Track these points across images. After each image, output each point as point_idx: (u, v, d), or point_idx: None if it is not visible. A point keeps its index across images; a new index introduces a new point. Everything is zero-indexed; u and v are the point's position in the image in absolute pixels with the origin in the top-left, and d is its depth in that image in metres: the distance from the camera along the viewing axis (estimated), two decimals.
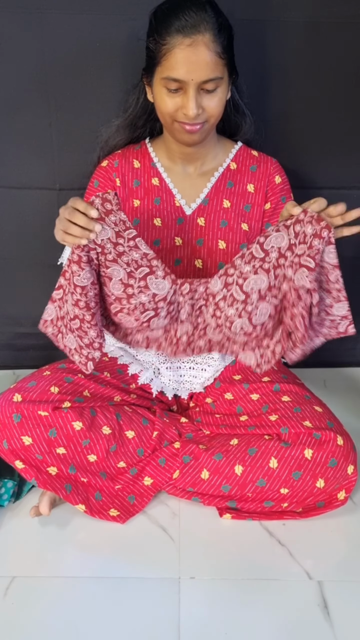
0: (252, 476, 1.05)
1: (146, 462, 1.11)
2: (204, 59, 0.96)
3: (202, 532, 1.07)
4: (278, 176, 1.17)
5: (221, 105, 1.03)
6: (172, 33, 0.96)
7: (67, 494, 1.04)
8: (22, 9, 1.18)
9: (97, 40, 1.21)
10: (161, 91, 1.02)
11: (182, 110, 1.00)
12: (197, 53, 0.96)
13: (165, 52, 0.98)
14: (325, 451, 1.03)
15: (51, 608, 0.93)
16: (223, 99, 1.03)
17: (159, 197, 1.14)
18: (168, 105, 1.01)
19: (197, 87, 0.98)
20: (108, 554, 1.03)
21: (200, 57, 0.96)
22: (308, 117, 1.31)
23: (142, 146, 1.18)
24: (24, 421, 1.01)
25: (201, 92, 1.00)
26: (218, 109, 1.03)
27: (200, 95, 1.00)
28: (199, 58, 0.96)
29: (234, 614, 0.92)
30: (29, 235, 1.41)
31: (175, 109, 1.01)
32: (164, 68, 0.99)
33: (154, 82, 1.03)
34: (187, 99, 0.99)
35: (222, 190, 1.15)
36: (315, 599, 0.95)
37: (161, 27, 0.98)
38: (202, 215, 1.14)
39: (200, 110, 1.00)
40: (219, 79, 0.99)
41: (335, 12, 1.21)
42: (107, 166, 1.17)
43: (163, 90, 1.01)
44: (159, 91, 1.02)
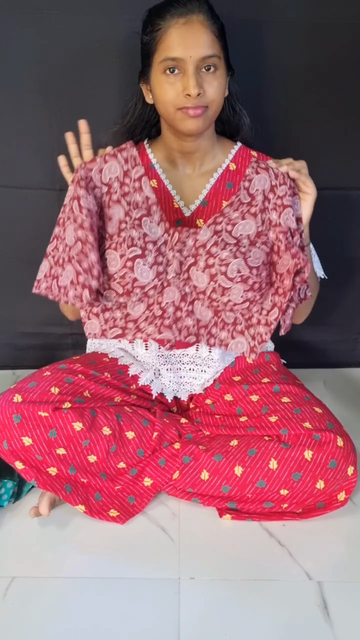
0: (252, 477, 1.05)
1: (146, 463, 1.11)
2: (200, 35, 0.98)
3: (201, 533, 1.07)
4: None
5: (221, 90, 1.03)
6: (166, 16, 0.99)
7: (67, 495, 1.04)
8: (22, 9, 1.18)
9: (97, 40, 1.21)
10: (160, 80, 1.01)
11: (184, 91, 1.00)
12: (192, 30, 0.98)
13: (161, 35, 0.99)
14: (325, 452, 1.03)
15: (51, 608, 0.93)
16: (222, 84, 1.03)
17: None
18: (169, 93, 1.01)
19: (196, 66, 0.98)
20: (108, 555, 1.03)
21: (197, 33, 0.98)
22: (307, 117, 1.31)
23: (140, 148, 1.18)
24: (24, 422, 1.01)
25: (200, 73, 1.00)
26: (218, 93, 1.02)
27: (199, 76, 1.00)
28: (195, 34, 0.98)
29: (233, 615, 0.92)
30: (29, 235, 1.41)
31: (177, 93, 1.00)
32: (161, 51, 0.99)
33: (151, 74, 1.03)
34: (187, 79, 0.99)
35: (221, 192, 1.14)
36: (315, 600, 0.95)
37: (155, 17, 1.00)
38: (201, 216, 1.13)
39: (202, 90, 1.00)
40: (216, 58, 1.00)
41: (335, 12, 1.21)
42: None
43: (162, 77, 1.01)
44: (158, 81, 1.02)
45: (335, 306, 1.53)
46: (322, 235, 1.37)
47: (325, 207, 1.39)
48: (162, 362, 1.21)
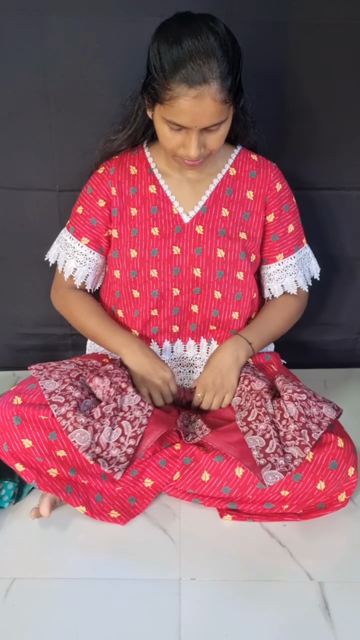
0: (253, 478, 1.05)
1: (147, 464, 1.11)
2: (209, 110, 0.96)
3: (202, 533, 1.07)
4: (278, 183, 1.17)
5: (223, 139, 1.03)
6: (177, 81, 0.94)
7: (68, 496, 1.04)
8: (22, 11, 1.18)
9: (97, 41, 1.21)
10: (163, 127, 1.01)
11: (184, 150, 1.00)
12: (202, 105, 0.95)
13: (170, 97, 0.95)
14: (325, 453, 1.03)
15: (52, 609, 0.93)
16: (226, 132, 1.03)
17: (156, 206, 1.14)
18: (170, 142, 1.02)
19: (201, 131, 0.98)
20: (108, 556, 1.03)
21: (206, 109, 0.95)
22: (307, 117, 1.31)
23: (139, 151, 1.17)
24: (24, 424, 1.01)
25: (203, 132, 0.99)
26: (220, 143, 1.03)
27: (202, 135, 0.99)
28: (204, 109, 0.95)
29: (234, 615, 0.92)
30: (29, 236, 1.41)
31: (177, 146, 1.01)
32: (168, 112, 0.98)
33: (155, 111, 1.02)
34: (189, 141, 0.99)
35: (221, 198, 1.14)
36: (316, 600, 0.95)
37: (165, 67, 0.95)
38: (200, 223, 1.13)
39: (203, 149, 1.00)
40: (223, 121, 0.99)
41: (335, 13, 1.21)
42: (103, 173, 1.17)
43: (165, 127, 1.01)
44: (161, 125, 1.02)
45: (335, 306, 1.54)
46: (322, 235, 1.37)
47: (325, 207, 1.40)
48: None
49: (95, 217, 1.17)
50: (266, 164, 1.17)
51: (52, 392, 1.03)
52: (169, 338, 1.21)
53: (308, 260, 1.25)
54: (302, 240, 1.23)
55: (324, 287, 1.49)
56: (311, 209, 1.34)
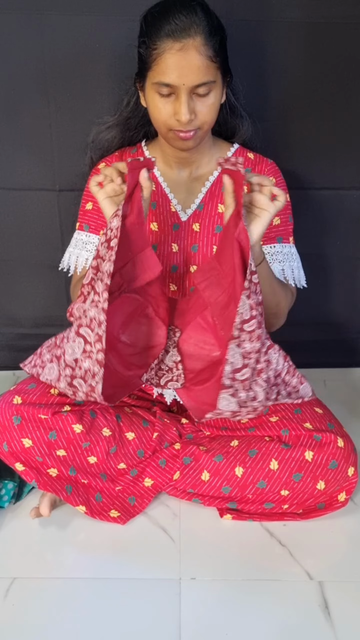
0: (253, 478, 1.05)
1: (146, 464, 1.11)
2: (195, 64, 0.95)
3: (202, 533, 1.07)
4: (272, 178, 1.16)
5: (214, 110, 1.02)
6: (162, 37, 0.95)
7: (68, 496, 1.04)
8: (22, 10, 1.18)
9: (97, 41, 1.21)
10: (154, 97, 1.01)
11: (175, 116, 1.00)
12: (187, 57, 0.95)
13: (156, 56, 0.96)
14: (325, 453, 1.03)
15: (52, 609, 0.93)
16: (216, 104, 1.02)
17: (155, 202, 1.14)
18: (161, 112, 1.01)
19: (189, 92, 0.97)
20: (108, 555, 1.03)
21: (192, 62, 0.95)
22: (307, 117, 1.31)
23: (138, 149, 1.17)
24: (24, 423, 1.01)
25: (193, 96, 0.98)
26: (211, 114, 1.02)
27: (192, 100, 0.99)
28: (190, 62, 0.95)
29: (234, 615, 0.92)
30: (29, 236, 1.41)
31: (168, 115, 1.00)
32: (155, 73, 0.98)
33: (146, 87, 1.02)
34: (179, 104, 0.98)
35: (217, 195, 1.14)
36: (315, 600, 0.95)
37: (151, 31, 0.97)
38: (197, 220, 1.13)
39: (193, 115, 0.99)
40: (211, 83, 0.98)
41: (335, 12, 1.21)
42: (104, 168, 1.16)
43: (155, 96, 1.00)
44: (152, 97, 1.01)
45: (335, 306, 1.54)
46: (322, 235, 1.37)
47: (326, 207, 1.40)
48: None
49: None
50: (262, 161, 1.16)
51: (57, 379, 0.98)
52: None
53: (292, 260, 1.19)
54: (288, 237, 1.18)
55: (324, 287, 1.49)
56: (311, 209, 1.34)
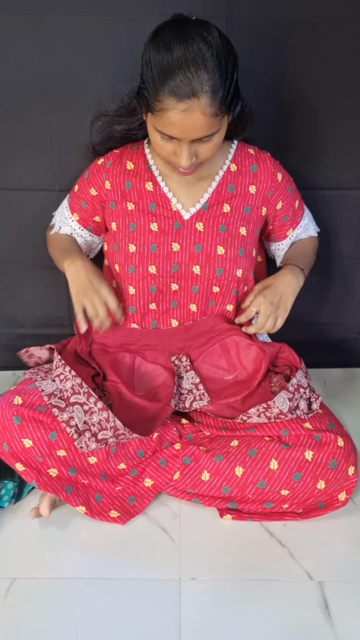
0: (253, 478, 1.05)
1: (147, 464, 1.11)
2: (199, 123, 0.94)
3: (202, 533, 1.07)
4: (279, 173, 1.17)
5: (216, 148, 1.02)
6: (166, 93, 0.91)
7: (68, 496, 1.04)
8: (22, 11, 1.18)
9: (97, 41, 1.21)
10: (155, 135, 1.00)
11: (176, 159, 1.00)
12: (191, 118, 0.93)
13: (159, 109, 0.94)
14: (325, 452, 1.03)
15: (52, 609, 0.93)
16: (220, 141, 1.02)
17: (154, 203, 1.14)
18: (162, 150, 1.01)
19: (192, 142, 0.97)
20: (108, 555, 1.03)
21: (195, 122, 0.93)
22: (307, 117, 1.31)
23: (139, 147, 1.17)
24: (25, 424, 1.01)
25: (195, 142, 0.98)
26: (213, 151, 1.02)
27: (194, 145, 0.98)
28: (194, 123, 0.93)
29: (234, 615, 0.92)
30: (29, 237, 1.41)
31: (169, 154, 1.01)
32: (158, 122, 0.96)
33: (147, 118, 1.01)
34: (180, 151, 0.98)
35: (223, 195, 1.14)
36: (316, 600, 0.95)
37: (155, 78, 0.92)
38: (200, 220, 1.13)
39: (194, 158, 1.00)
40: (215, 133, 0.98)
41: (335, 12, 1.21)
42: (101, 165, 1.17)
43: (157, 135, 0.99)
44: (153, 133, 1.01)
45: (335, 306, 1.53)
46: (323, 235, 1.37)
47: (325, 207, 1.40)
48: None
49: (86, 201, 1.19)
50: (264, 156, 1.17)
51: (51, 394, 1.03)
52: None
53: (310, 221, 1.30)
54: (303, 207, 1.26)
55: (324, 287, 1.49)
56: (311, 209, 1.34)
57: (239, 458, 1.06)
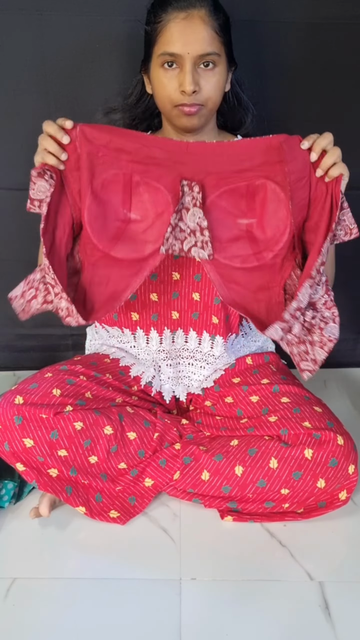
0: (253, 477, 1.05)
1: (147, 464, 1.11)
2: (199, 32, 0.97)
3: (202, 533, 1.07)
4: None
5: (219, 87, 1.02)
6: (167, 8, 0.98)
7: (68, 496, 1.04)
8: (22, 10, 1.18)
9: (97, 41, 1.21)
10: (159, 73, 1.01)
11: (180, 87, 0.99)
12: (192, 25, 0.97)
13: (161, 28, 0.98)
14: (325, 451, 1.03)
15: (52, 609, 0.93)
16: (221, 82, 1.02)
17: None
18: (166, 87, 1.01)
19: (194, 63, 0.98)
20: (109, 555, 1.03)
21: (196, 30, 0.97)
22: (307, 117, 1.31)
23: None
24: (26, 423, 1.01)
25: (198, 69, 0.99)
26: (215, 91, 1.02)
27: (197, 72, 0.99)
28: (195, 30, 0.97)
29: (235, 615, 0.92)
30: (29, 237, 1.40)
31: (173, 89, 1.00)
32: (160, 45, 0.99)
33: (151, 67, 1.03)
34: (183, 75, 0.98)
35: None
36: (316, 600, 0.95)
37: (157, 7, 1.00)
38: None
39: (197, 87, 0.99)
40: (215, 55, 0.99)
41: (335, 12, 1.21)
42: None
43: (160, 71, 1.00)
44: (157, 74, 1.02)
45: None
46: None
47: None
48: (163, 357, 1.20)
49: None
50: None
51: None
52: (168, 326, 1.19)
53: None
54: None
55: None
56: None
57: (238, 457, 1.06)
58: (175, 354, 1.21)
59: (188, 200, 0.98)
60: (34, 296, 1.02)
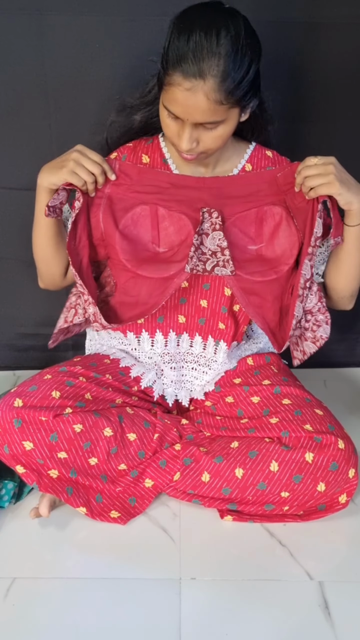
0: (253, 479, 1.05)
1: (147, 464, 1.11)
2: (200, 106, 0.94)
3: (202, 533, 1.08)
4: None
5: (221, 140, 1.01)
6: (176, 68, 0.92)
7: (69, 497, 1.04)
8: (22, 11, 1.18)
9: (97, 41, 1.21)
10: (163, 112, 1.01)
11: (178, 140, 1.00)
12: (194, 99, 0.93)
13: (167, 83, 0.95)
14: (326, 455, 1.03)
15: (52, 609, 0.93)
16: (224, 135, 1.01)
17: None
18: (168, 129, 1.01)
19: (194, 125, 0.97)
20: (109, 555, 1.03)
21: (198, 104, 0.93)
22: (307, 118, 1.31)
23: (154, 140, 1.16)
24: (25, 426, 1.00)
25: (199, 127, 0.98)
26: (216, 143, 1.01)
27: (197, 130, 0.98)
28: (197, 104, 0.93)
29: (234, 615, 0.93)
30: (29, 236, 1.40)
31: (173, 134, 1.01)
32: (165, 97, 0.98)
33: (160, 95, 1.01)
34: (181, 132, 0.98)
35: None
36: (316, 600, 0.95)
37: (170, 51, 0.94)
38: None
39: (195, 144, 0.99)
40: (218, 122, 0.97)
41: (335, 12, 1.21)
42: (115, 159, 1.14)
43: (165, 111, 1.00)
44: (162, 111, 1.01)
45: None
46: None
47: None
48: (167, 360, 1.20)
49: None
50: (281, 160, 1.16)
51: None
52: (174, 329, 1.20)
53: None
54: None
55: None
56: None
57: (239, 459, 1.06)
58: (180, 358, 1.21)
59: (207, 226, 1.09)
60: (75, 314, 1.19)
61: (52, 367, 1.14)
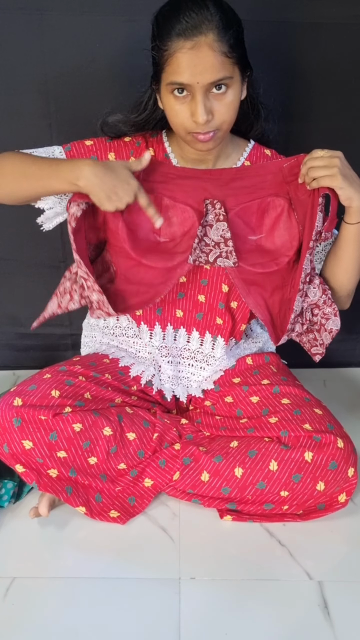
0: (252, 479, 1.05)
1: (146, 464, 1.11)
2: (208, 61, 0.93)
3: (202, 533, 1.08)
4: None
5: (234, 108, 1.00)
6: (173, 37, 0.93)
7: (68, 497, 1.04)
8: (22, 10, 1.18)
9: (97, 41, 1.21)
10: (169, 99, 0.99)
11: (192, 117, 0.98)
12: (200, 55, 0.93)
13: (168, 57, 0.95)
14: (325, 454, 1.03)
15: (51, 609, 0.93)
16: (235, 102, 1.00)
17: None
18: (178, 115, 0.99)
19: (205, 91, 0.95)
20: (108, 555, 1.03)
21: (205, 59, 0.93)
22: (308, 118, 1.31)
23: (158, 135, 1.15)
24: (25, 425, 1.01)
25: (210, 95, 0.97)
26: (230, 112, 1.00)
27: (209, 99, 0.97)
28: (203, 60, 0.93)
29: (234, 615, 0.93)
30: (28, 236, 1.41)
31: (186, 117, 0.99)
32: (168, 73, 0.96)
33: (161, 90, 1.01)
34: (195, 105, 0.96)
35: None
36: (315, 599, 0.95)
37: (162, 31, 0.95)
38: None
39: (211, 115, 0.97)
40: (227, 79, 0.96)
41: (335, 13, 1.21)
42: (129, 142, 1.13)
43: (171, 98, 0.98)
44: (167, 100, 1.00)
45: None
46: None
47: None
48: (164, 354, 1.20)
49: (97, 158, 1.12)
50: (279, 158, 1.16)
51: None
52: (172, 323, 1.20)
53: None
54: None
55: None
56: None
57: (238, 459, 1.06)
58: (177, 353, 1.21)
59: (211, 218, 1.09)
60: (70, 300, 1.14)
61: (51, 366, 1.14)
